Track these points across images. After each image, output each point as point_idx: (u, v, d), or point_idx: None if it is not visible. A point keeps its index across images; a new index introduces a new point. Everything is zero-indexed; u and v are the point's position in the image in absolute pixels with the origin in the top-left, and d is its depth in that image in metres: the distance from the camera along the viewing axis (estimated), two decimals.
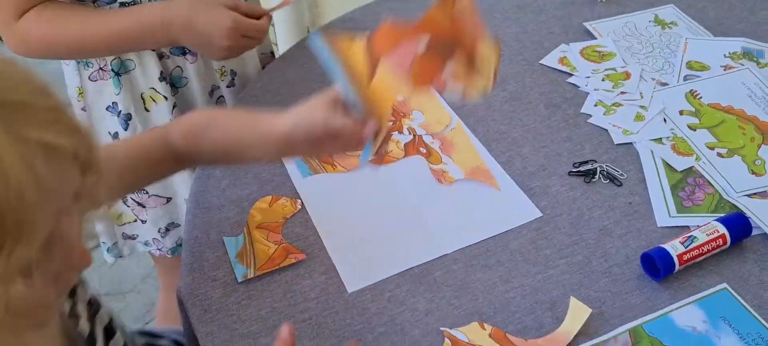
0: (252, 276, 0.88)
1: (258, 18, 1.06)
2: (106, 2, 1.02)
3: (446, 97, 0.63)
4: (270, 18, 1.09)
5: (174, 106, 1.14)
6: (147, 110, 1.14)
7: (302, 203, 0.97)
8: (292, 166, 1.02)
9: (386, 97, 0.63)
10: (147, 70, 1.10)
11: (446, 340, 0.81)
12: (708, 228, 0.88)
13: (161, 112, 1.14)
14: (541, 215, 0.95)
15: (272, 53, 1.34)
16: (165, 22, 1.00)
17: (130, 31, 1.02)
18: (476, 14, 0.61)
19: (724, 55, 1.21)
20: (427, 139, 1.07)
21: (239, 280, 0.87)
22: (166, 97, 1.12)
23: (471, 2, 0.62)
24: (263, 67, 1.27)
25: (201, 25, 1.00)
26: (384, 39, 0.63)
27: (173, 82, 1.13)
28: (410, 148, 1.05)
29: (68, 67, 1.13)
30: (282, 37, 2.14)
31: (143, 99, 1.13)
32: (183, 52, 1.11)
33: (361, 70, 0.63)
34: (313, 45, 0.68)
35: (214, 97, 1.20)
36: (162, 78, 1.10)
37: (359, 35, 0.65)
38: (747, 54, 1.21)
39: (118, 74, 1.10)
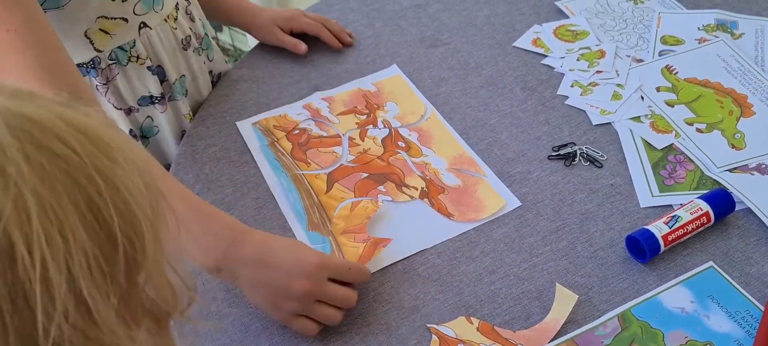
0: None
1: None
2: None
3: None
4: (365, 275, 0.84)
5: None
6: None
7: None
8: (266, 167, 1.00)
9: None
10: None
11: (434, 337, 0.79)
12: (691, 206, 0.87)
13: None
14: (520, 204, 0.94)
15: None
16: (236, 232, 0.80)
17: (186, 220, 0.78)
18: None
19: (698, 27, 1.20)
20: (404, 132, 1.04)
21: None
22: None
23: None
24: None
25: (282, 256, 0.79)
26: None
27: (144, 133, 1.07)
28: (388, 144, 1.03)
29: None
30: None
31: None
32: (152, 101, 1.05)
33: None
34: None
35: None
36: (133, 135, 1.04)
37: None
38: (721, 25, 1.20)
39: None
